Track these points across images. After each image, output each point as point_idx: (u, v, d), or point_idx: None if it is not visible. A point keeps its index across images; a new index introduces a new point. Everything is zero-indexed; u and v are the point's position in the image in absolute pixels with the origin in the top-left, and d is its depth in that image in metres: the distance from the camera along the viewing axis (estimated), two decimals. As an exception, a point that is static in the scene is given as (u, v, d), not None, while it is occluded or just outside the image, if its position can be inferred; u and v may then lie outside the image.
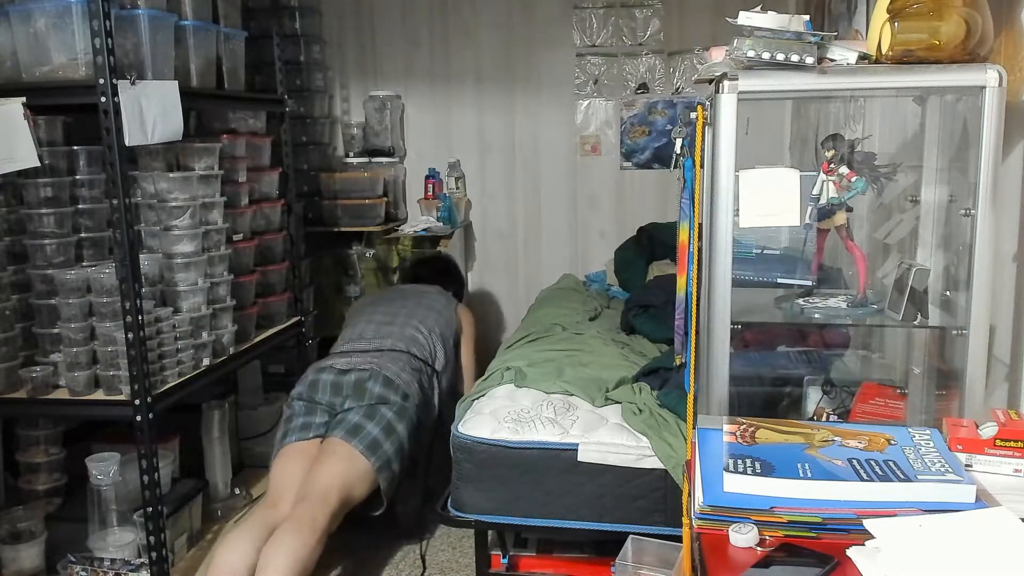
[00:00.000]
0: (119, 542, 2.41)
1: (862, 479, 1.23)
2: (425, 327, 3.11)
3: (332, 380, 2.80)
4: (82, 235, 2.49)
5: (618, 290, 3.97)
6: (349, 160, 4.36)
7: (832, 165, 1.66)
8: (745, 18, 1.56)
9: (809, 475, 1.25)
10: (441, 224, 4.14)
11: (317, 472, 2.55)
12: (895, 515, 1.17)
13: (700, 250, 1.72)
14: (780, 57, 1.53)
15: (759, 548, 1.17)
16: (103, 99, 2.16)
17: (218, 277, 2.73)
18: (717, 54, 1.76)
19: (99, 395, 2.37)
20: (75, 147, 2.45)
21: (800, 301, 1.79)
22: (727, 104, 1.56)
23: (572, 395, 2.61)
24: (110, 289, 2.31)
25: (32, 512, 2.53)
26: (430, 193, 4.30)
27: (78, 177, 2.47)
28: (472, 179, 4.45)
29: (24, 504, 2.57)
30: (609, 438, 2.38)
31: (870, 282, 1.80)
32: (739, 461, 1.28)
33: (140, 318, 2.25)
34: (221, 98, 2.90)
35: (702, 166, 1.68)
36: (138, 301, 2.25)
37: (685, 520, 1.59)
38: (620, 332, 3.33)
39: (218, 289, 2.73)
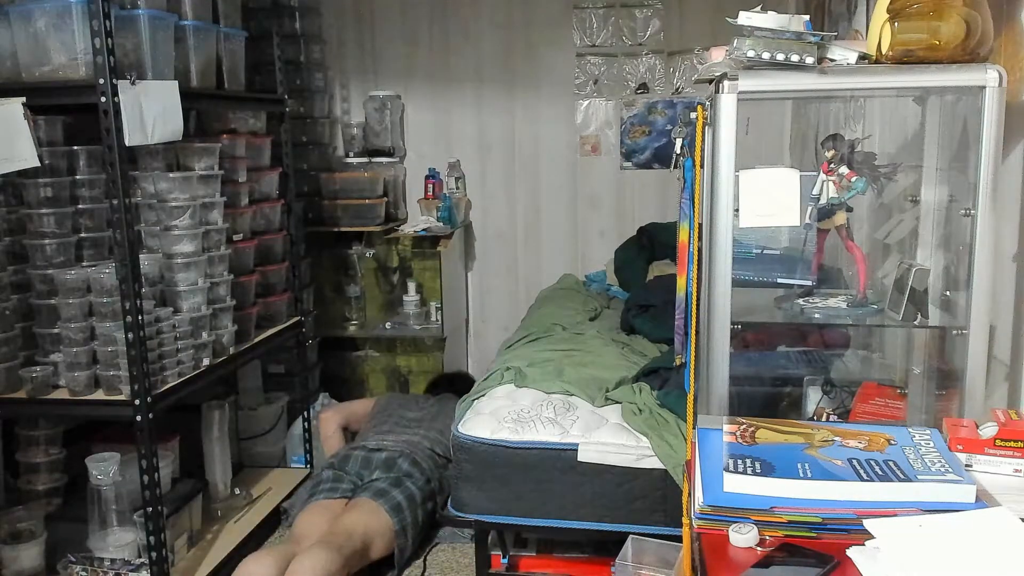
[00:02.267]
0: (119, 542, 2.42)
1: (862, 479, 1.23)
2: (449, 431, 3.18)
3: (363, 456, 2.95)
4: (82, 235, 2.49)
5: (618, 290, 3.97)
6: (349, 160, 4.36)
7: (832, 165, 1.66)
8: (745, 18, 1.56)
9: (809, 475, 1.24)
10: (441, 224, 4.13)
11: (341, 520, 2.63)
12: (895, 515, 1.16)
13: (700, 250, 1.72)
14: (780, 57, 1.53)
15: (759, 548, 1.17)
16: (103, 99, 2.16)
17: (218, 277, 2.73)
18: (717, 54, 1.76)
19: (99, 395, 2.37)
20: (75, 147, 2.45)
21: (800, 301, 1.79)
22: (727, 104, 1.56)
23: (572, 395, 2.61)
24: (110, 289, 2.32)
25: (32, 512, 2.53)
26: (430, 193, 4.30)
27: (78, 177, 2.47)
28: (472, 179, 4.44)
29: (24, 504, 2.58)
30: (609, 438, 2.38)
31: (870, 282, 1.80)
32: (739, 461, 1.28)
33: (140, 318, 2.25)
34: (221, 98, 2.90)
35: (702, 166, 1.68)
36: (138, 301, 2.25)
37: (685, 520, 1.59)
38: (620, 332, 3.33)
39: (218, 289, 2.73)
